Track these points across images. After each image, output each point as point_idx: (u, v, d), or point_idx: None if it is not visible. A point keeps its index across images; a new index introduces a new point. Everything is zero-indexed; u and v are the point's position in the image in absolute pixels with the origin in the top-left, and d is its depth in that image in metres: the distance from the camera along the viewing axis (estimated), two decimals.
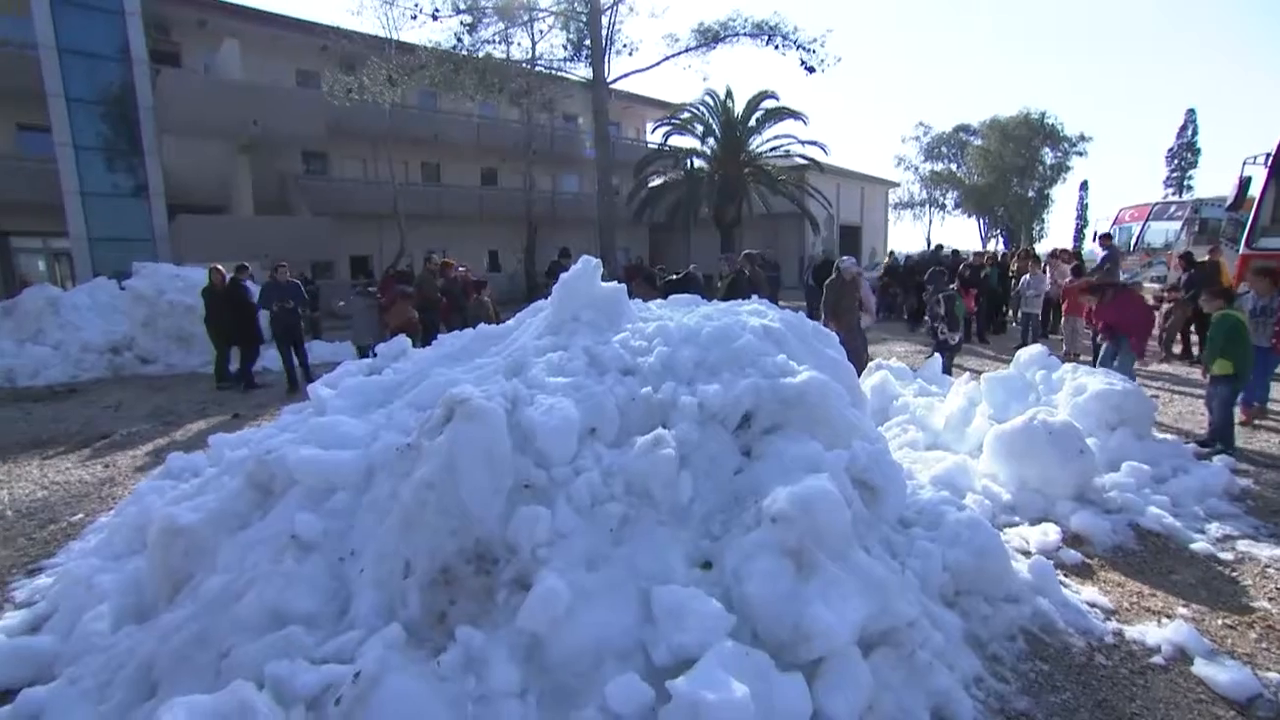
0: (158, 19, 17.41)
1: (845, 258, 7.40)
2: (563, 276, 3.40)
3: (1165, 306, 9.46)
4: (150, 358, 10.35)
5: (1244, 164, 8.13)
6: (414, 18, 17.90)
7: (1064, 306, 9.40)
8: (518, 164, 22.36)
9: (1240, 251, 7.92)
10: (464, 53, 18.09)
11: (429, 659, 2.07)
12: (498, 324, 4.26)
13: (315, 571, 2.45)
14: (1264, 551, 3.48)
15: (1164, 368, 8.54)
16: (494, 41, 18.87)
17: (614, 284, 3.54)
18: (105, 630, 2.54)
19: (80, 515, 4.40)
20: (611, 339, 3.10)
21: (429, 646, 2.13)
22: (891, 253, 18.28)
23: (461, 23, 18.19)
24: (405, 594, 2.24)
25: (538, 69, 19.58)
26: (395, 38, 18.19)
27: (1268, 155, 7.75)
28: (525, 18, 19.00)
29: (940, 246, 16.02)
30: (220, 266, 9.01)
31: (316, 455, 2.77)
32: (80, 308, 10.68)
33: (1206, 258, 9.49)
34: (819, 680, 2.03)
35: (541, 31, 19.63)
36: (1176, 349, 9.21)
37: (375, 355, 4.39)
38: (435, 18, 18.03)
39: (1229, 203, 8.76)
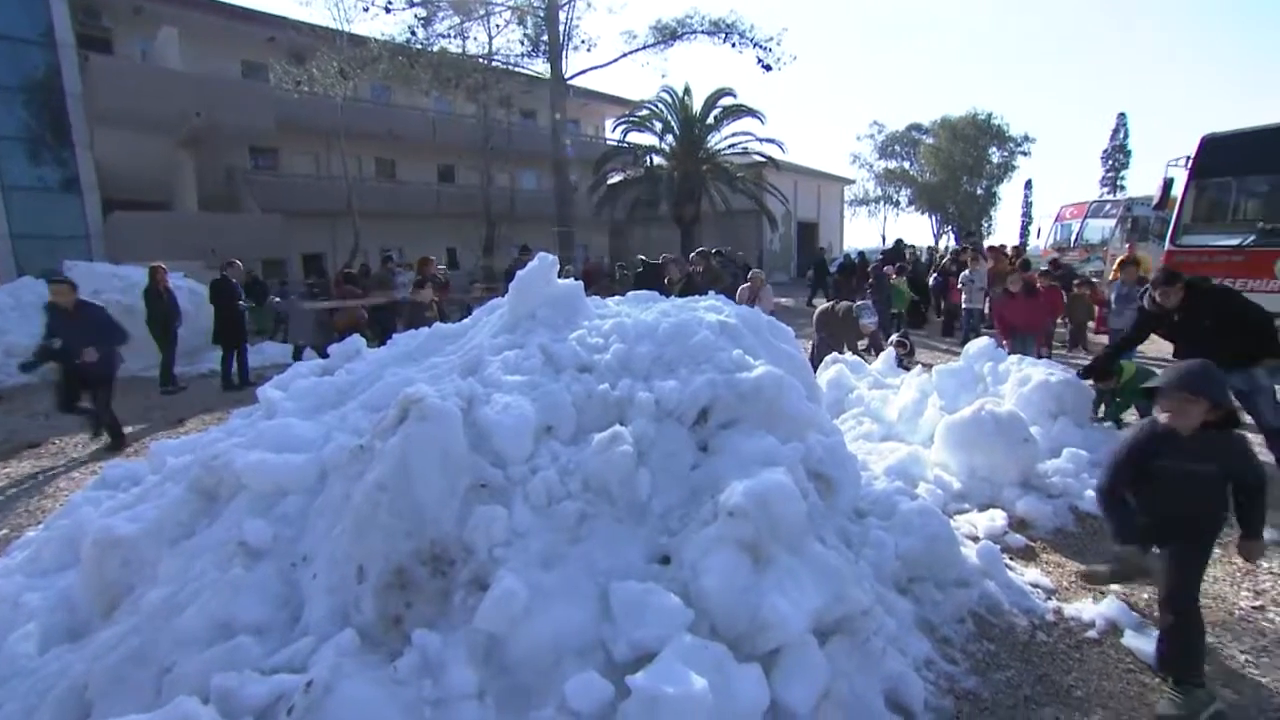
0: (86, 3, 16.50)
1: (867, 310, 7.27)
2: (519, 274, 3.37)
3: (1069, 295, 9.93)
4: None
5: (1167, 166, 8.59)
6: (366, 9, 17.44)
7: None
8: (475, 160, 22.01)
9: (1166, 248, 8.37)
10: (418, 47, 17.70)
11: (384, 664, 2.03)
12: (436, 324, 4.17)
13: (265, 579, 2.37)
14: None
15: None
16: (449, 36, 18.51)
17: (571, 281, 3.52)
18: (32, 652, 2.40)
19: (4, 530, 4.15)
20: (568, 336, 3.09)
21: (384, 651, 2.09)
22: (861, 253, 18.65)
23: (416, 16, 17.80)
24: (359, 599, 2.19)
25: (494, 64, 19.29)
26: (347, 30, 17.68)
27: (1188, 158, 8.21)
28: (481, 12, 18.70)
29: (900, 241, 16.50)
30: (163, 265, 8.60)
31: (266, 459, 2.69)
32: (3, 309, 10.05)
33: (1125, 255, 10.00)
34: (776, 670, 2.07)
35: (498, 26, 19.37)
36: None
37: (305, 357, 4.26)
38: (388, 10, 17.60)
39: (1155, 202, 9.24)
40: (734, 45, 19.19)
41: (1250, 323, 4.27)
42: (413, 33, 17.74)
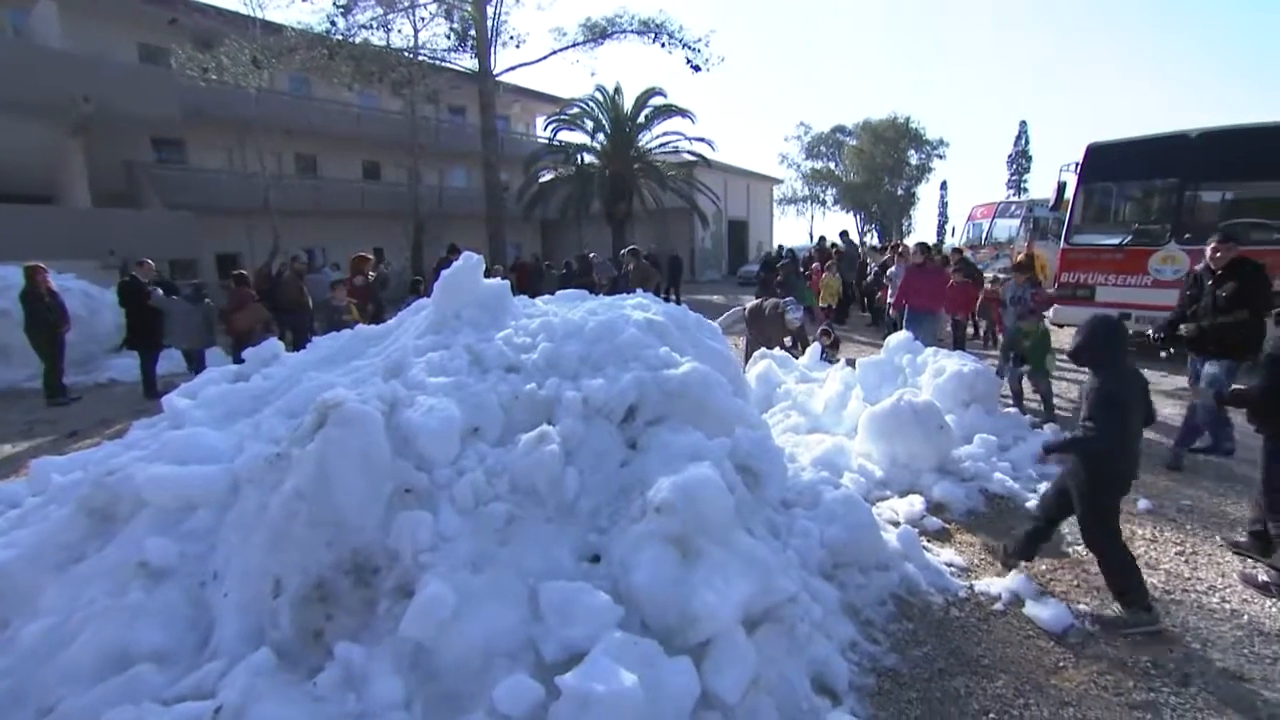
0: None
1: (793, 305, 7.36)
2: (444, 274, 3.29)
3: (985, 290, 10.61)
4: None
5: (1060, 171, 9.28)
6: None
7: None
8: (402, 157, 21.25)
9: (1061, 246, 9.07)
10: (338, 37, 16.90)
11: (304, 681, 1.94)
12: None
13: (169, 601, 2.23)
14: None
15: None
16: (371, 27, 17.76)
17: (498, 280, 3.47)
18: None
19: None
20: (494, 336, 3.04)
21: (304, 668, 2.00)
22: (784, 249, 19.30)
23: (335, 4, 16.99)
24: (276, 614, 2.09)
25: (421, 58, 18.67)
26: (259, 16, 16.66)
27: (1076, 164, 8.91)
28: (406, 3, 18.06)
29: (824, 238, 17.13)
30: (42, 265, 7.82)
31: (171, 472, 2.52)
32: None
33: (1019, 257, 10.74)
34: (706, 661, 2.10)
35: (424, 19, 18.74)
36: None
37: (202, 360, 3.97)
38: None
39: (1051, 204, 9.97)
40: (663, 45, 19.34)
41: (1249, 308, 4.37)
42: (332, 22, 16.94)
